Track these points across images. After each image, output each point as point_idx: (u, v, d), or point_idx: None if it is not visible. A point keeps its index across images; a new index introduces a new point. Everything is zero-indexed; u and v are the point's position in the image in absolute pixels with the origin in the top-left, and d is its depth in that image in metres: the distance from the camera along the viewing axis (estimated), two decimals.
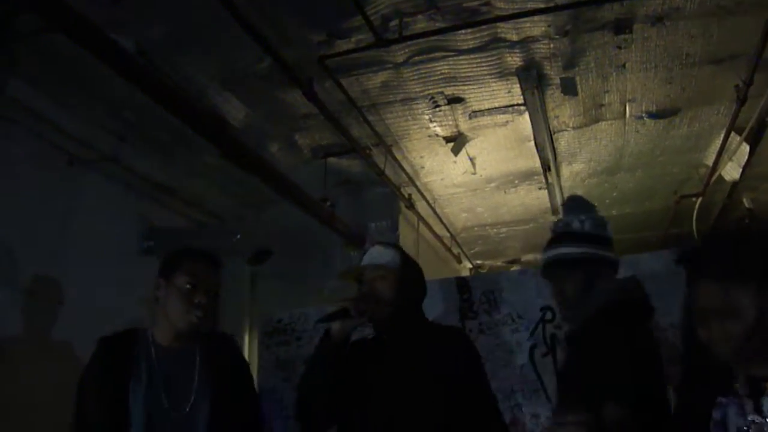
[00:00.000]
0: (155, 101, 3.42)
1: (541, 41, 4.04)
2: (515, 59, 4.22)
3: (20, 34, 3.41)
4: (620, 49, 4.12)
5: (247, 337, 5.69)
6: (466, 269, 8.38)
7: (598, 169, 6.08)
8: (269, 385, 5.08)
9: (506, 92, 4.62)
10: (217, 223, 5.65)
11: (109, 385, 2.36)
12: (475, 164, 5.81)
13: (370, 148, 5.11)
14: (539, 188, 6.40)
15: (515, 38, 4.00)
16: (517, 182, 6.31)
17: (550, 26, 3.89)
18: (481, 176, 6.09)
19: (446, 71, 4.32)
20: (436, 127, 5.06)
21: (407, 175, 5.66)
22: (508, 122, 5.06)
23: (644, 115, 5.04)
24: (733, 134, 5.01)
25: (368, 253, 2.57)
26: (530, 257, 8.39)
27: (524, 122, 4.99)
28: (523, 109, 4.79)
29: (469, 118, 4.96)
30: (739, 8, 3.74)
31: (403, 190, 5.80)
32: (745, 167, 5.39)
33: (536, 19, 3.79)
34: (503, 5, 3.69)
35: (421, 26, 3.82)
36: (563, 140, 5.43)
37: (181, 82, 3.95)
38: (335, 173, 5.58)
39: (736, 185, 6.06)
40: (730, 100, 4.60)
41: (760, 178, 6.17)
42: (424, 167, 5.82)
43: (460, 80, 4.44)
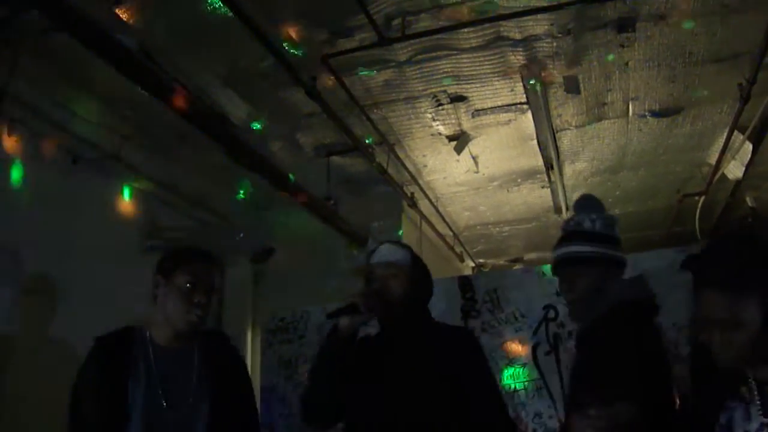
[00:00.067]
0: (158, 100, 3.42)
1: (544, 40, 4.04)
2: (518, 58, 4.21)
3: (23, 33, 3.42)
4: (623, 47, 4.12)
5: (249, 335, 5.69)
6: (468, 268, 8.37)
7: (600, 167, 6.07)
8: (272, 383, 5.09)
9: (509, 91, 4.62)
10: (220, 221, 5.65)
11: (106, 385, 2.33)
12: (477, 163, 5.81)
13: (372, 146, 5.12)
14: (542, 187, 6.40)
15: (518, 37, 4.00)
16: (519, 181, 6.31)
17: (553, 25, 3.89)
18: (483, 175, 6.09)
19: (449, 70, 4.32)
20: (438, 125, 5.06)
21: (410, 173, 5.66)
22: (510, 121, 5.06)
23: (647, 113, 5.03)
24: (736, 133, 5.01)
25: (378, 251, 2.57)
26: (533, 256, 8.38)
27: (527, 121, 4.99)
28: (525, 107, 4.79)
29: (471, 116, 4.95)
30: (742, 7, 3.74)
31: (405, 188, 5.79)
32: (748, 166, 5.38)
33: (539, 17, 3.79)
34: (506, 3, 3.69)
35: (423, 25, 3.82)
36: (566, 139, 5.42)
37: (184, 80, 3.96)
38: (338, 172, 5.58)
39: (739, 184, 6.04)
40: (733, 98, 4.58)
41: (763, 176, 6.16)
42: (426, 166, 5.82)
43: (462, 79, 4.43)
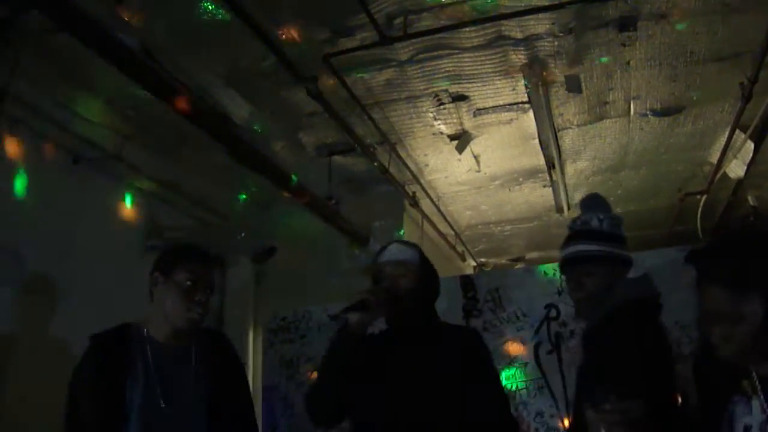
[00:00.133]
0: (160, 100, 3.42)
1: (545, 39, 4.03)
2: (520, 57, 4.21)
3: (24, 32, 3.42)
4: (625, 46, 4.12)
5: (251, 335, 5.69)
6: (470, 267, 8.37)
7: (602, 166, 6.07)
8: (273, 383, 5.09)
9: (511, 90, 4.61)
10: (221, 221, 5.65)
11: (104, 384, 2.32)
12: (479, 162, 5.81)
13: (374, 146, 5.11)
14: (543, 186, 6.40)
15: (520, 36, 3.99)
16: (521, 180, 6.31)
17: (554, 24, 3.89)
18: (485, 174, 6.09)
19: (450, 69, 4.32)
20: (440, 124, 5.06)
21: (411, 173, 5.65)
22: (512, 120, 5.06)
23: (649, 112, 5.03)
24: (737, 132, 5.00)
25: (387, 250, 2.57)
26: (534, 255, 8.38)
27: (529, 120, 4.99)
28: (527, 106, 4.79)
29: (473, 115, 4.95)
30: (743, 5, 3.73)
31: (407, 187, 5.79)
32: (749, 165, 5.38)
33: (540, 16, 3.78)
34: (508, 3, 3.68)
35: (425, 24, 3.81)
36: (568, 138, 5.42)
37: (185, 80, 3.95)
38: (340, 171, 5.58)
39: (740, 183, 6.04)
40: (734, 97, 4.59)
41: (764, 175, 6.16)
42: (428, 165, 5.82)
43: (464, 78, 4.43)
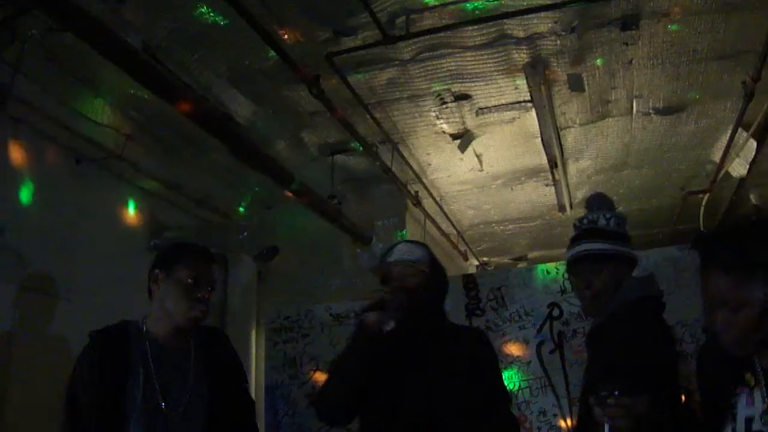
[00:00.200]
0: (162, 99, 3.43)
1: (547, 38, 4.03)
2: (522, 56, 4.21)
3: (27, 33, 3.43)
4: (627, 45, 4.12)
5: (253, 334, 5.70)
6: (472, 266, 8.37)
7: (604, 165, 6.07)
8: (276, 382, 5.09)
9: (513, 89, 4.61)
10: (224, 220, 5.66)
11: (103, 380, 2.31)
12: (481, 161, 5.81)
13: (376, 145, 5.12)
14: (546, 185, 6.40)
15: (522, 35, 3.99)
16: (523, 179, 6.31)
17: (556, 22, 3.89)
18: (487, 173, 6.09)
19: (453, 68, 4.32)
20: (442, 124, 5.06)
21: (414, 172, 5.65)
22: (514, 119, 5.06)
23: (651, 111, 5.03)
24: (740, 130, 5.00)
25: (396, 249, 2.57)
26: (537, 254, 8.37)
27: (531, 119, 4.99)
28: (529, 105, 4.78)
29: (475, 114, 4.95)
30: (745, 4, 3.73)
31: (409, 187, 5.79)
32: (752, 163, 5.38)
33: (543, 15, 3.78)
34: (510, 2, 3.68)
35: (427, 23, 3.82)
36: (570, 137, 5.42)
37: (188, 79, 3.96)
38: (342, 171, 5.59)
39: (743, 181, 6.04)
40: (737, 96, 4.59)
41: (767, 174, 6.15)
42: (430, 164, 5.82)
43: (466, 77, 4.43)
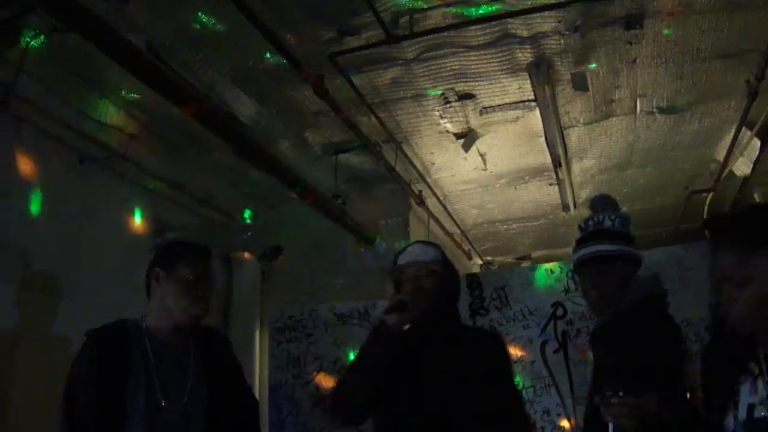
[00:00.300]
0: (166, 99, 3.43)
1: (551, 37, 4.03)
2: (526, 55, 4.21)
3: (31, 32, 3.44)
4: (631, 44, 4.11)
5: (257, 333, 5.70)
6: (476, 266, 8.38)
7: (608, 164, 6.06)
8: (280, 381, 5.09)
9: (517, 88, 4.61)
10: (227, 220, 5.66)
11: (103, 380, 2.29)
12: (485, 160, 5.81)
13: (380, 144, 5.12)
14: (550, 184, 6.40)
15: (526, 34, 3.99)
16: (527, 178, 6.31)
17: (560, 22, 3.89)
18: (491, 172, 6.09)
19: (457, 67, 4.32)
20: (446, 123, 5.06)
21: (418, 171, 5.66)
22: (518, 118, 5.06)
23: (655, 110, 5.02)
24: (744, 129, 5.00)
25: (409, 250, 2.57)
26: (541, 253, 8.38)
27: (535, 118, 4.99)
28: (533, 104, 4.78)
29: (479, 114, 4.95)
30: (749, 3, 3.73)
31: (413, 186, 5.79)
32: (756, 162, 5.37)
33: (546, 14, 3.78)
34: (514, 1, 3.68)
35: (431, 22, 3.82)
36: (574, 136, 5.42)
37: (192, 79, 3.97)
38: (346, 170, 5.59)
39: (747, 180, 6.04)
40: (741, 95, 4.58)
41: None
42: (434, 163, 5.82)
43: (470, 76, 4.43)
